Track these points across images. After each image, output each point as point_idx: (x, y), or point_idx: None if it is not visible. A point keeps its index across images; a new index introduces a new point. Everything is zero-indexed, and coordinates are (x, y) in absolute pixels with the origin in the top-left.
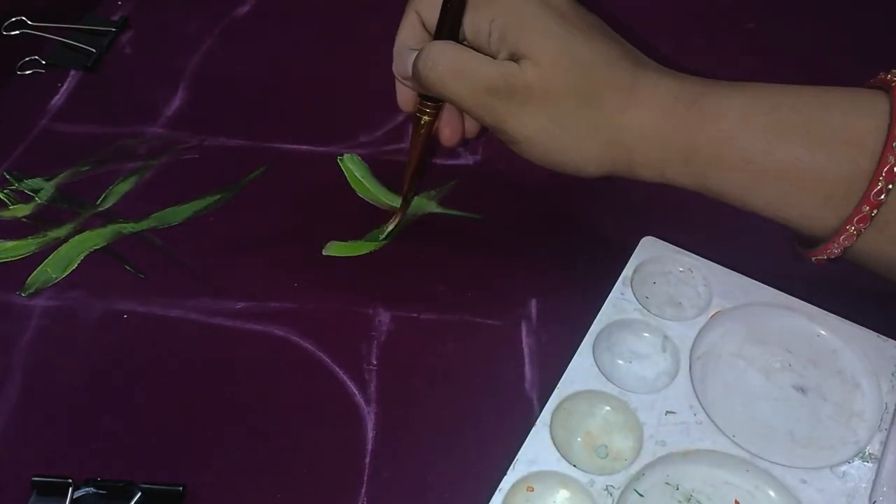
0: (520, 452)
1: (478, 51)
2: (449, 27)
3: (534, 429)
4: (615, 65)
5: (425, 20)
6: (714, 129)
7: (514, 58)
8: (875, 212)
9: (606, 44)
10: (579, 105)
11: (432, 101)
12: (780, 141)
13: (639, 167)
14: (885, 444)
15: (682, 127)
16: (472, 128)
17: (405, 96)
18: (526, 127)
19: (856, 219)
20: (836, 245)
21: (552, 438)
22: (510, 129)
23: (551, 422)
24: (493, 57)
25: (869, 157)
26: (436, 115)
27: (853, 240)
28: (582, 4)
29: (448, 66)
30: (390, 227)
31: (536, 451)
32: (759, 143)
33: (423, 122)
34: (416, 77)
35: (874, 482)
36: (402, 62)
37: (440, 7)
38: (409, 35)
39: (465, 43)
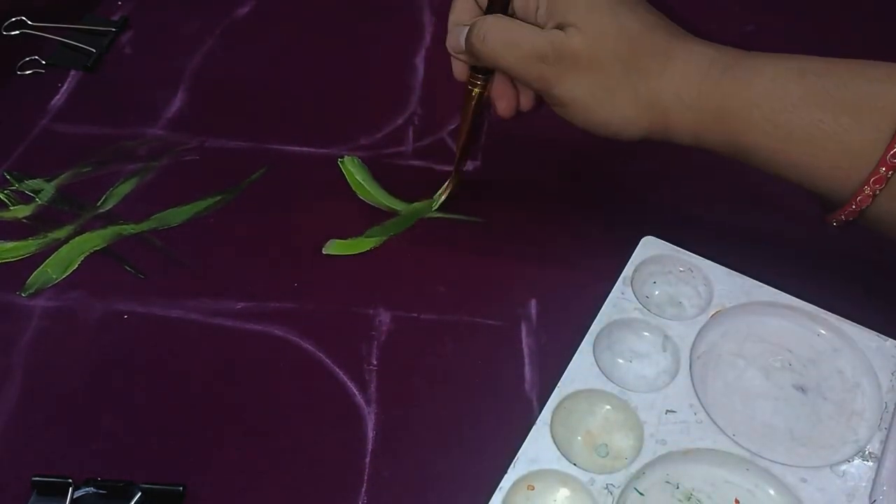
0: (520, 451)
1: (523, 20)
2: (501, 3)
3: (534, 427)
4: (655, 33)
5: None
6: (745, 94)
7: (561, 27)
8: (891, 173)
9: (647, 14)
10: (622, 71)
11: (482, 73)
12: (805, 105)
13: (674, 130)
14: (884, 444)
15: (716, 91)
16: (526, 101)
17: (459, 67)
18: (572, 91)
19: (872, 180)
20: (852, 206)
21: (553, 437)
22: (558, 93)
23: (552, 421)
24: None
25: (888, 122)
26: (485, 87)
27: (869, 201)
28: None
29: (498, 36)
30: (444, 197)
31: (537, 449)
32: (785, 107)
33: (473, 94)
34: (468, 50)
35: (874, 481)
36: (455, 37)
37: None
38: (463, 10)
39: (514, 17)
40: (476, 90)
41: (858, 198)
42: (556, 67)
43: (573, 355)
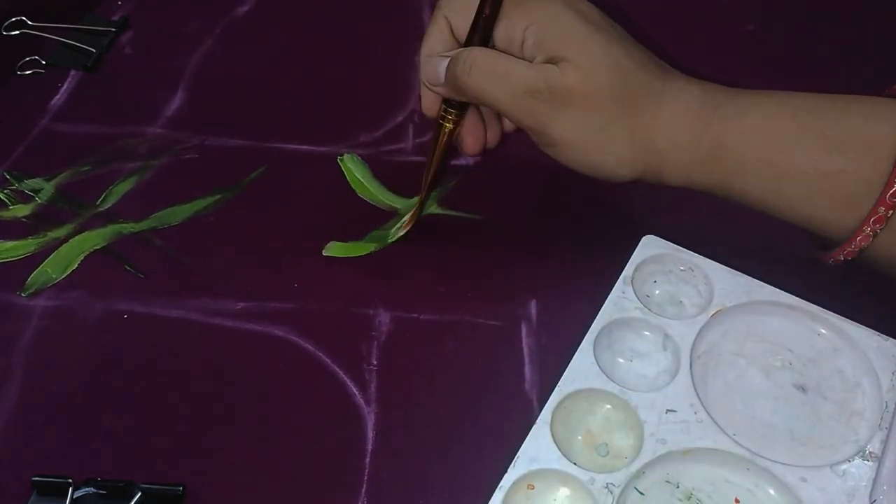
0: (520, 450)
1: None
2: (482, 35)
3: (534, 427)
4: (647, 70)
5: (454, 27)
6: (737, 133)
7: (551, 61)
8: (891, 213)
9: (636, 50)
10: (618, 110)
11: (456, 108)
12: (799, 144)
13: (667, 172)
14: (885, 443)
15: (709, 130)
16: (493, 137)
17: (430, 101)
18: (567, 130)
19: (872, 220)
20: (852, 246)
21: (553, 436)
22: (551, 132)
23: (552, 420)
24: None
25: (886, 161)
26: (459, 122)
27: (869, 241)
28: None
29: (486, 70)
30: (402, 233)
31: (537, 449)
32: (779, 146)
33: (445, 129)
34: (451, 82)
35: (874, 481)
36: (432, 68)
37: (470, 14)
38: (438, 41)
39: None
40: (448, 125)
41: (858, 238)
42: (550, 104)
43: (573, 355)
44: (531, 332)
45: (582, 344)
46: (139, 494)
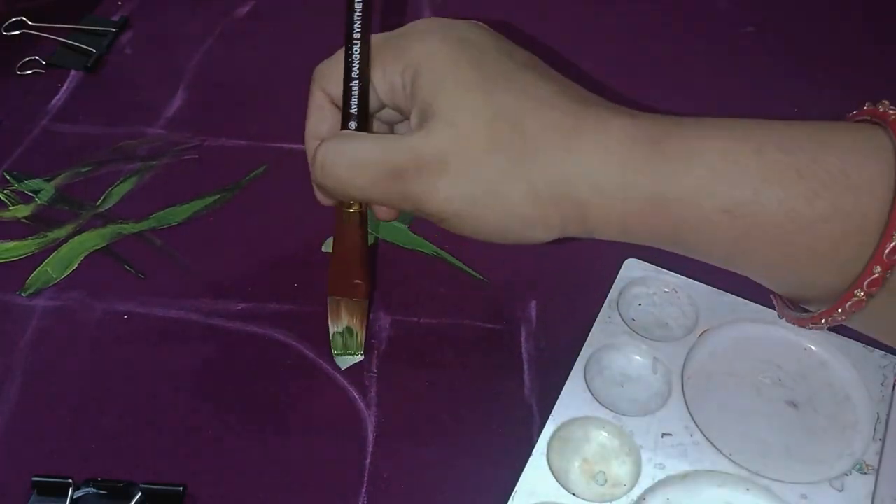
0: (518, 483)
1: (397, 109)
2: (358, 103)
3: (531, 458)
4: (550, 107)
5: (335, 98)
6: (686, 176)
7: (425, 117)
8: (889, 273)
9: (538, 84)
10: (509, 162)
11: None
12: (769, 189)
13: (596, 225)
14: (880, 455)
15: (645, 174)
16: None
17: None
18: (449, 202)
19: (865, 282)
20: (840, 313)
21: (550, 467)
22: (433, 210)
23: (548, 451)
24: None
25: (878, 207)
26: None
27: (862, 306)
28: (572, 9)
29: (341, 160)
30: (361, 352)
31: (534, 481)
32: (744, 193)
33: (351, 215)
34: (315, 183)
35: (874, 493)
36: (311, 156)
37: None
38: (319, 119)
39: (381, 109)
40: (355, 208)
41: (848, 303)
42: (421, 180)
43: (572, 361)
44: (530, 335)
45: (572, 371)
46: (139, 494)
